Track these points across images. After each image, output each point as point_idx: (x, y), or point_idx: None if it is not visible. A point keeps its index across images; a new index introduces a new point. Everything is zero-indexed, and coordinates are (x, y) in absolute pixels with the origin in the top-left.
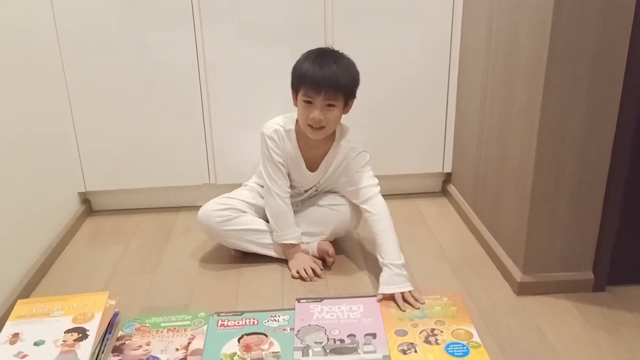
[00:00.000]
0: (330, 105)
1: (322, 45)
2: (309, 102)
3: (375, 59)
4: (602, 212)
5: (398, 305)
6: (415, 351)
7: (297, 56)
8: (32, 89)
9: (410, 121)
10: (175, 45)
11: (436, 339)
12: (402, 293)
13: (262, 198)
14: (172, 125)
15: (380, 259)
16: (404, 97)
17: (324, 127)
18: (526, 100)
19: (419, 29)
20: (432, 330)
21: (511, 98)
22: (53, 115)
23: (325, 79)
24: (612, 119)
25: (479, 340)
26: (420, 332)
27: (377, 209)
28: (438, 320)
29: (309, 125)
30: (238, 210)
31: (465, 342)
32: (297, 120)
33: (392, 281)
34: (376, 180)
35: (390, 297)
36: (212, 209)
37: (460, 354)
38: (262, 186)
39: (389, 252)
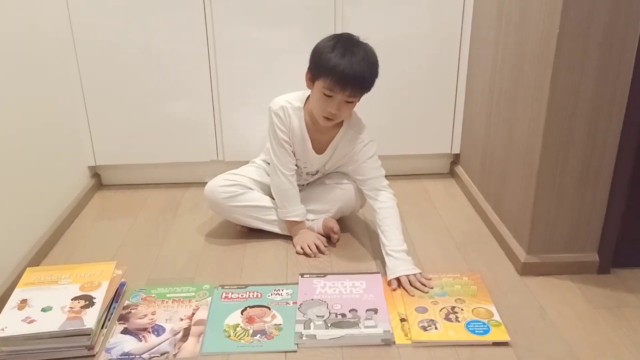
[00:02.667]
0: (349, 102)
1: (331, 24)
2: (329, 96)
3: (385, 38)
4: (609, 193)
5: (406, 290)
6: (436, 328)
7: (307, 36)
8: (45, 65)
9: (419, 101)
10: (185, 24)
11: (457, 317)
12: (408, 276)
13: (268, 175)
14: (182, 102)
15: (382, 248)
16: (413, 77)
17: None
18: (535, 78)
19: (430, 8)
20: (453, 308)
21: (520, 76)
22: (65, 91)
23: (353, 78)
24: (622, 97)
25: (499, 319)
26: (441, 310)
27: (384, 198)
28: (458, 299)
29: (323, 116)
30: (244, 187)
31: (485, 321)
32: (306, 99)
33: (396, 265)
34: (383, 172)
35: (398, 283)
36: (218, 184)
37: (481, 331)
38: (269, 163)
39: (392, 238)
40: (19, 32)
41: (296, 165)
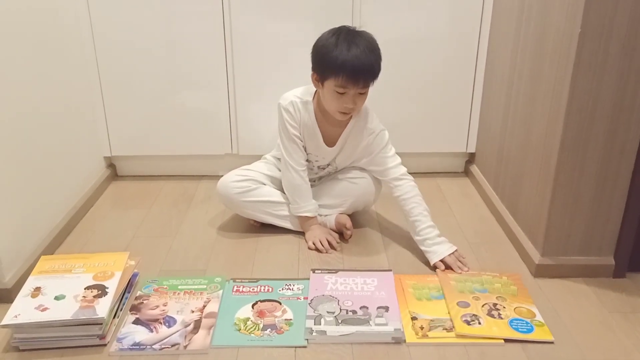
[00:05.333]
0: (362, 93)
1: (349, 20)
2: (342, 93)
3: (402, 35)
4: (627, 197)
5: (453, 269)
6: (479, 323)
7: (324, 30)
8: (62, 55)
9: (435, 99)
10: (202, 15)
11: (499, 314)
12: (450, 256)
13: (280, 170)
14: (197, 95)
15: (416, 236)
16: (430, 74)
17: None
18: (555, 78)
19: (449, 5)
20: (495, 304)
21: (539, 76)
22: (82, 81)
23: (363, 71)
24: None
25: (542, 320)
26: (483, 306)
27: (406, 188)
28: (499, 296)
29: (340, 112)
30: (257, 182)
31: (528, 320)
32: (315, 92)
33: (436, 250)
34: (399, 159)
35: (446, 266)
36: (231, 180)
37: (525, 330)
38: (279, 159)
39: (423, 227)
40: (35, 20)
41: (307, 159)
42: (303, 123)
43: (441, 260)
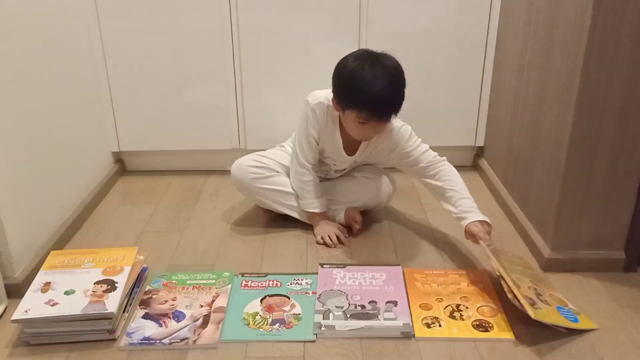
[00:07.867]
0: (385, 122)
1: (356, 14)
2: (363, 123)
3: (410, 27)
4: (638, 189)
5: (477, 237)
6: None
7: (331, 22)
8: (70, 51)
9: (444, 93)
10: (209, 10)
11: (545, 300)
12: (482, 223)
13: None
14: (205, 90)
15: (450, 206)
16: (438, 68)
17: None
18: (565, 72)
19: None
20: (535, 289)
21: (549, 69)
22: (90, 76)
23: (388, 106)
24: None
25: (574, 307)
26: (529, 287)
27: (444, 165)
28: (532, 280)
29: (360, 137)
30: (272, 170)
31: (567, 308)
32: None
33: (473, 212)
34: (426, 146)
35: (474, 235)
36: (247, 164)
37: (572, 318)
38: None
39: (463, 195)
40: (42, 15)
41: (324, 162)
42: (326, 127)
43: (469, 227)
